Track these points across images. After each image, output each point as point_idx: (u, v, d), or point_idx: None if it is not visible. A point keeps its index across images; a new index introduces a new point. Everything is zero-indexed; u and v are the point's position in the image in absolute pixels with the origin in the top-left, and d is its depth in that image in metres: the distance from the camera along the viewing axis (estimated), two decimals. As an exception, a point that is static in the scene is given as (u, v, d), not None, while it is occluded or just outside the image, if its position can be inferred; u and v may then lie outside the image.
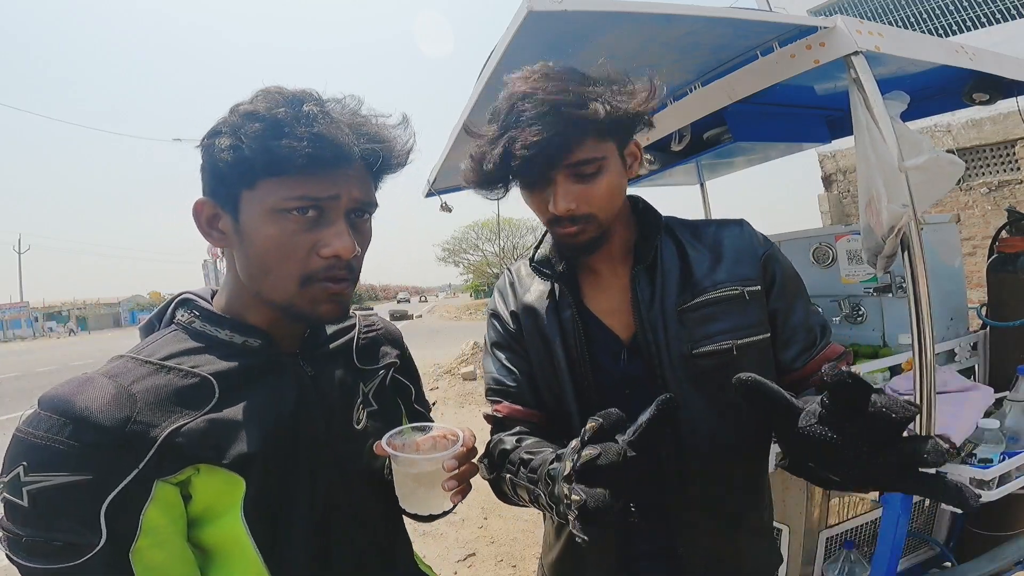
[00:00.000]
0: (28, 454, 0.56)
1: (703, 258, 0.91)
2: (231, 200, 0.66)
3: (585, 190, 0.82)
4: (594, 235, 0.85)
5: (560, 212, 0.82)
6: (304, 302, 0.67)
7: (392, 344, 0.91)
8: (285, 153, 0.61)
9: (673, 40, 1.51)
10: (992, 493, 1.38)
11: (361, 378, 0.81)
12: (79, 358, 17.01)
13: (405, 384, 0.91)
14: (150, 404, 0.60)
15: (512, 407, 0.95)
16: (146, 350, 0.67)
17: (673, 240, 0.93)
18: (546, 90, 0.79)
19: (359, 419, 0.78)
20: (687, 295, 0.88)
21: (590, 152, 0.80)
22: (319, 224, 0.66)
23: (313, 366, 0.76)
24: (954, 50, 1.65)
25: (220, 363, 0.67)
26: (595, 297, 0.94)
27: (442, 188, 2.94)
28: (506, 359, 0.99)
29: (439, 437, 0.75)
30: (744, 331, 0.87)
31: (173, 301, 0.76)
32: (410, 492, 0.73)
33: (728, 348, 0.86)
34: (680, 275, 0.90)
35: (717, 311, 0.87)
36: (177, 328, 0.71)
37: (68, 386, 0.60)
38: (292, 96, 0.65)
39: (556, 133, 0.77)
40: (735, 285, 0.88)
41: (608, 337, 0.92)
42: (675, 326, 0.87)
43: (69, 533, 0.55)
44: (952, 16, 7.02)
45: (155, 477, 0.59)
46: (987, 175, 6.59)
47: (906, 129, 1.54)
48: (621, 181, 0.87)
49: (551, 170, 0.81)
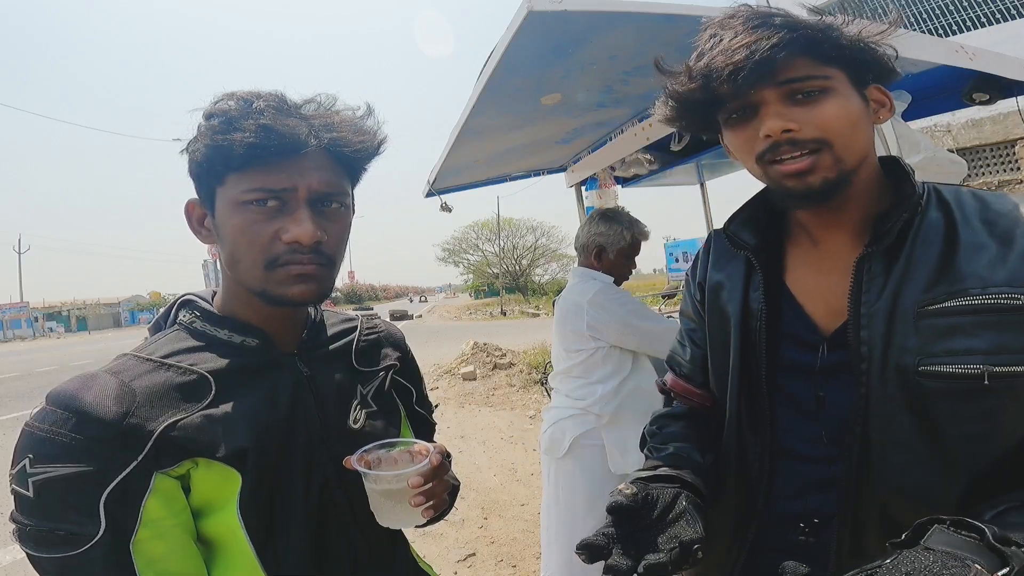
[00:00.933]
0: (34, 447, 0.59)
1: (981, 247, 0.66)
2: (209, 198, 0.71)
3: (808, 111, 0.66)
4: (830, 175, 0.67)
5: (774, 132, 0.67)
6: (273, 285, 0.69)
7: (393, 346, 0.91)
8: (236, 145, 0.64)
9: (673, 40, 1.50)
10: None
11: (359, 380, 0.82)
12: (79, 358, 17.02)
13: (405, 386, 0.91)
14: (149, 399, 0.63)
15: (678, 381, 0.94)
16: (148, 348, 0.71)
17: (945, 216, 0.70)
18: (749, 11, 0.70)
19: (356, 419, 0.79)
20: (938, 293, 0.66)
21: (810, 70, 0.67)
22: (281, 212, 0.68)
23: (310, 366, 0.77)
24: (954, 50, 1.65)
25: (218, 361, 0.70)
26: (804, 276, 0.78)
27: (442, 188, 2.94)
28: (687, 330, 0.95)
29: (416, 452, 0.76)
30: (1011, 356, 0.62)
31: (177, 302, 0.79)
32: (379, 507, 0.74)
33: (976, 374, 0.62)
34: (937, 264, 0.67)
35: (974, 323, 0.64)
36: (179, 328, 0.75)
37: (73, 382, 0.63)
38: (246, 95, 0.69)
39: (768, 46, 0.64)
40: (1018, 293, 0.63)
41: (802, 325, 0.77)
42: (905, 329, 0.67)
43: (70, 523, 0.58)
44: (952, 16, 7.02)
45: (154, 469, 0.61)
46: (987, 175, 6.60)
47: (907, 129, 1.54)
48: (862, 116, 0.69)
49: (760, 85, 0.66)
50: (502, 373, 8.02)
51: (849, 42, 0.68)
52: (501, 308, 28.34)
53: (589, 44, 1.45)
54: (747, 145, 0.71)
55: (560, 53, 1.50)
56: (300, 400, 0.74)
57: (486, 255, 38.56)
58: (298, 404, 0.73)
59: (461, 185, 3.20)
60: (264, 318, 0.75)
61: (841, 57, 0.68)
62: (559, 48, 1.46)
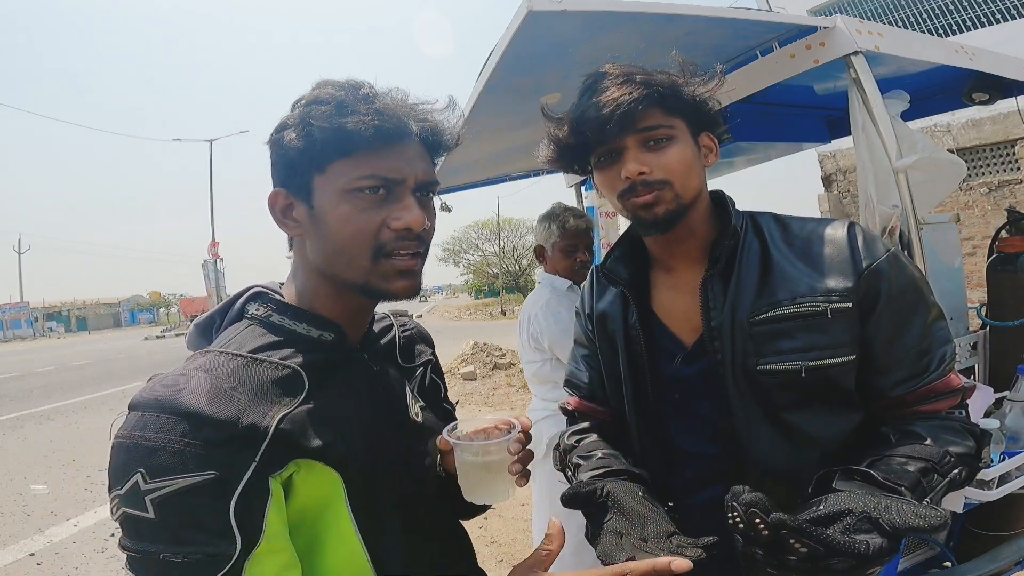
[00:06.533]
0: (144, 459, 0.51)
1: (788, 265, 0.83)
2: (304, 188, 0.67)
3: (657, 157, 0.82)
4: (671, 207, 0.83)
5: (631, 174, 0.81)
6: (378, 278, 0.68)
7: (425, 343, 0.92)
8: (353, 130, 0.63)
9: (673, 40, 1.50)
10: (992, 493, 1.38)
11: (405, 375, 0.82)
12: (79, 358, 17.01)
13: (436, 382, 0.92)
14: (253, 395, 0.58)
15: (581, 402, 1.05)
16: (231, 344, 0.65)
17: (760, 241, 0.87)
18: (617, 70, 0.84)
19: (416, 413, 0.79)
20: (761, 305, 0.82)
21: (659, 120, 0.82)
22: (387, 201, 0.67)
23: (374, 361, 0.76)
24: (954, 50, 1.65)
25: (302, 356, 0.66)
26: (666, 298, 0.93)
27: (442, 188, 2.94)
28: (582, 356, 1.07)
29: (490, 429, 0.76)
30: (819, 352, 0.79)
31: (242, 295, 0.74)
32: (478, 481, 0.73)
33: (795, 369, 0.79)
34: (758, 282, 0.83)
35: (791, 327, 0.80)
36: (252, 322, 0.70)
37: (164, 384, 0.56)
38: (348, 83, 0.68)
39: (627, 99, 0.79)
40: (817, 301, 0.80)
41: (669, 341, 0.91)
42: (743, 338, 0.82)
43: (204, 544, 0.51)
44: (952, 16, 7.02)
45: (269, 472, 0.56)
46: (987, 175, 6.59)
47: (906, 129, 1.55)
48: (695, 160, 0.85)
49: (622, 134, 0.82)
50: (502, 373, 8.03)
51: (689, 96, 0.84)
52: (501, 308, 28.35)
53: (589, 44, 1.45)
54: (611, 184, 0.86)
55: (560, 53, 1.50)
56: (376, 396, 0.73)
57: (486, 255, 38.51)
58: (376, 400, 0.72)
59: (461, 185, 3.20)
60: (342, 313, 0.72)
61: (682, 108, 0.84)
62: (559, 48, 1.46)
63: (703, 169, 0.88)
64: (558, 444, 1.02)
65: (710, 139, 0.90)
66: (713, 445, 0.88)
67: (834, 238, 0.84)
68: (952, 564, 1.75)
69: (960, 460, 0.75)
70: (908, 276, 0.83)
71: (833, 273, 0.81)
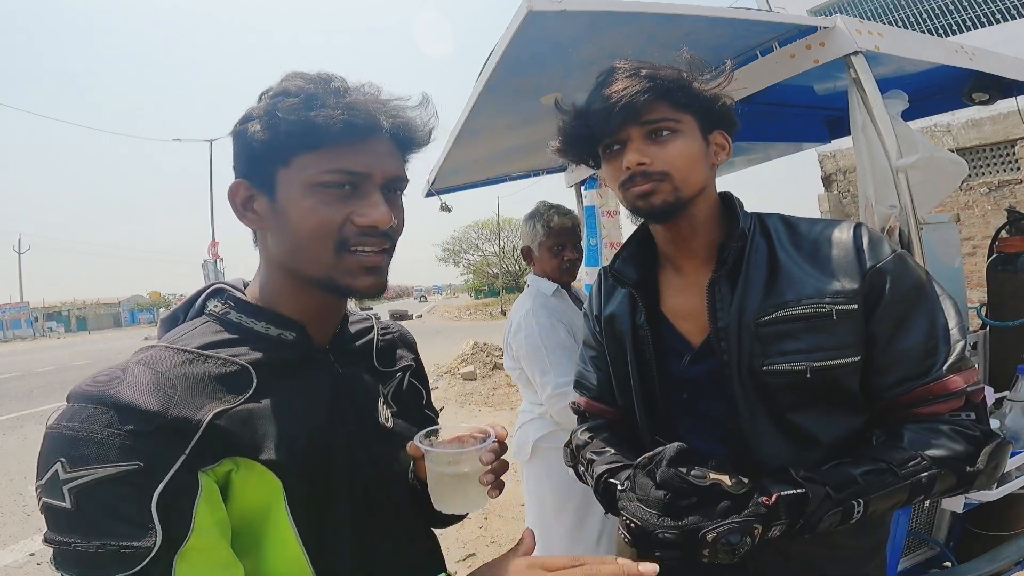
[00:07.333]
0: (65, 448, 0.51)
1: (795, 267, 0.84)
2: (267, 180, 0.66)
3: (659, 149, 0.83)
4: (669, 199, 0.84)
5: (631, 165, 0.83)
6: (341, 273, 0.66)
7: (407, 347, 0.90)
8: (321, 123, 0.61)
9: (673, 40, 1.50)
10: (992, 493, 1.38)
11: (380, 380, 0.80)
12: (79, 358, 17.01)
13: (417, 387, 0.90)
14: (190, 389, 0.58)
15: (590, 402, 1.07)
16: (180, 340, 0.65)
17: (767, 243, 0.88)
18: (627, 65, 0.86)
19: (386, 419, 0.77)
20: (768, 306, 0.83)
21: (665, 113, 0.84)
22: (352, 197, 0.65)
23: (340, 363, 0.74)
24: (954, 50, 1.65)
25: (256, 354, 0.65)
26: (674, 298, 0.94)
27: (441, 188, 2.94)
28: (590, 357, 1.08)
29: (465, 437, 0.75)
30: (823, 353, 0.80)
31: (204, 292, 0.73)
32: (448, 490, 0.71)
33: (800, 370, 0.80)
34: (765, 284, 0.84)
35: (796, 328, 0.81)
36: (209, 319, 0.69)
37: (101, 376, 0.56)
38: (319, 76, 0.66)
39: (634, 91, 0.81)
40: (822, 303, 0.80)
41: (677, 341, 0.92)
42: (749, 339, 0.83)
43: (121, 536, 0.49)
44: (952, 16, 7.02)
45: (199, 466, 0.55)
46: (987, 175, 6.59)
47: (906, 129, 1.54)
48: (701, 156, 0.86)
49: (626, 125, 0.83)
50: (502, 373, 8.03)
51: (698, 92, 0.85)
52: (501, 308, 28.31)
53: (589, 44, 1.45)
54: (615, 174, 0.88)
55: (560, 53, 1.50)
56: (338, 399, 0.70)
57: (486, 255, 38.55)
58: (337, 403, 0.70)
59: (461, 185, 3.19)
60: (304, 311, 0.70)
61: (692, 105, 0.85)
62: (559, 48, 1.46)
63: (711, 166, 0.89)
64: (570, 440, 1.05)
65: (723, 138, 0.90)
66: (722, 446, 0.88)
67: (841, 240, 0.84)
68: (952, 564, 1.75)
69: (937, 463, 0.74)
70: (913, 277, 0.82)
71: (839, 275, 0.82)
